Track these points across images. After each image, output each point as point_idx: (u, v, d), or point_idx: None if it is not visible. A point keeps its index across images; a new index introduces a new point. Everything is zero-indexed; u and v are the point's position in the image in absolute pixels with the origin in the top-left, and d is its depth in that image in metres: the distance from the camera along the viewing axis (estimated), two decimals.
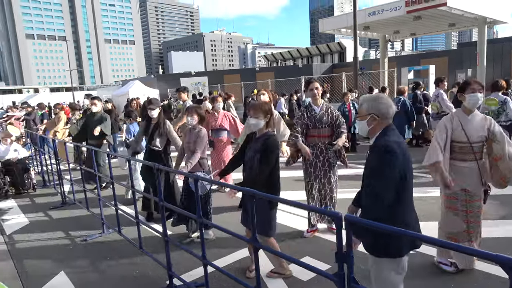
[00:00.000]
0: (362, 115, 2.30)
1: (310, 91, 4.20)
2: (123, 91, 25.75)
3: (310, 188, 4.31)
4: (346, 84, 16.19)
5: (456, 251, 1.38)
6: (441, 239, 3.11)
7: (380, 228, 1.59)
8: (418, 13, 17.40)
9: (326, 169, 4.26)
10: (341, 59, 38.91)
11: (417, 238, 2.00)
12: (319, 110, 4.22)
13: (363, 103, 2.34)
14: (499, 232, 4.10)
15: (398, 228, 1.56)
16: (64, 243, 4.67)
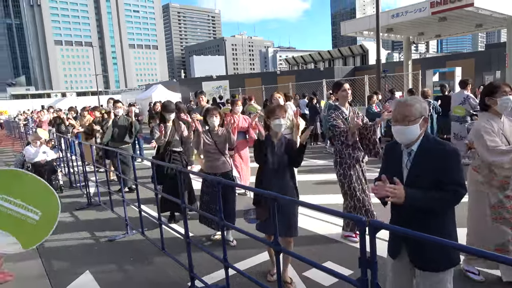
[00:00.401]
0: (415, 118, 2.08)
1: (343, 91, 4.11)
2: (146, 95, 26.28)
3: (353, 190, 4.09)
4: (368, 87, 15.98)
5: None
6: (492, 252, 3.00)
7: (431, 240, 1.55)
8: (444, 14, 16.98)
9: (364, 169, 4.21)
10: (363, 61, 38.46)
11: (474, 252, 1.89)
12: (348, 112, 4.15)
13: (414, 104, 2.11)
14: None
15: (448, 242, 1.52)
16: (89, 243, 4.79)
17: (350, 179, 4.06)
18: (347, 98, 4.13)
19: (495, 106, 3.02)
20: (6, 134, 27.61)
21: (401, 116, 2.10)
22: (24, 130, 15.43)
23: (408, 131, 2.09)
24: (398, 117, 2.12)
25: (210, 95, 24.79)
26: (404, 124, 2.08)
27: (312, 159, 9.42)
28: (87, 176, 6.67)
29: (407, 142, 2.13)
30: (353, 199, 4.10)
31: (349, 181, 4.07)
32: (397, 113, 2.14)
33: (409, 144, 2.13)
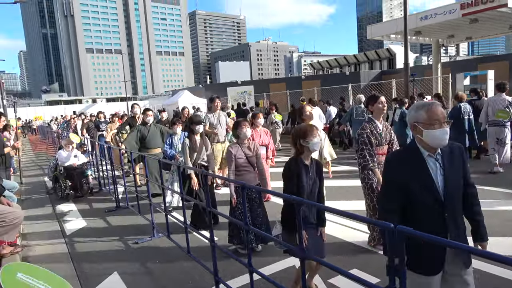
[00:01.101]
0: (447, 120, 2.08)
1: (379, 104, 3.93)
2: (172, 101, 26.81)
3: (375, 191, 4.00)
4: (396, 91, 15.65)
5: None
6: None
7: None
8: (475, 15, 16.44)
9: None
10: (390, 65, 37.71)
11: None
12: (382, 127, 3.98)
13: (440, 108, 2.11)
14: None
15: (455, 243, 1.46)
16: (117, 245, 4.91)
17: (373, 182, 3.97)
18: (382, 111, 3.96)
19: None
20: (40, 139, 28.81)
21: (443, 117, 2.06)
22: (58, 135, 16.04)
23: (445, 132, 2.04)
24: (442, 118, 2.05)
25: (235, 100, 24.99)
26: (446, 126, 2.04)
27: (341, 165, 9.29)
28: (116, 180, 6.85)
29: (446, 144, 2.07)
30: (373, 200, 4.02)
31: (372, 184, 3.98)
32: (441, 114, 2.07)
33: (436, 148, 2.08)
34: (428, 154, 2.08)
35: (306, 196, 3.02)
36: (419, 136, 2.10)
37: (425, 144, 2.08)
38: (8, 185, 5.70)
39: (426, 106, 2.10)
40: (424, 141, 2.07)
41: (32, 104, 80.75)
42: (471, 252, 1.42)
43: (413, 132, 2.16)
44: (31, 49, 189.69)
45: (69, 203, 7.33)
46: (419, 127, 2.08)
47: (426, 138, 2.06)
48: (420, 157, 2.08)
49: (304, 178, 3.03)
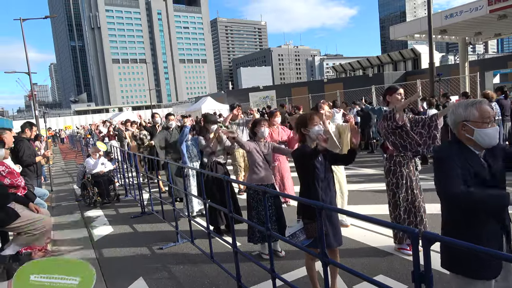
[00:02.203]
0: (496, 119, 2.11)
1: (398, 95, 3.91)
2: (196, 107, 27.16)
3: (402, 201, 3.93)
4: (421, 92, 15.27)
5: None
6: None
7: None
8: (504, 11, 15.87)
9: (417, 179, 3.98)
10: (415, 66, 36.90)
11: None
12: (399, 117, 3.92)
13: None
14: None
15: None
16: (142, 251, 4.98)
17: (401, 189, 3.90)
18: (399, 102, 3.92)
19: None
20: (69, 148, 29.83)
21: (493, 115, 2.01)
22: (85, 143, 16.55)
23: (499, 130, 2.04)
24: (492, 116, 2.00)
25: (257, 105, 25.07)
26: (495, 124, 2.01)
27: (362, 168, 9.13)
28: (141, 186, 6.99)
29: (496, 143, 2.01)
30: (399, 209, 3.94)
31: (400, 191, 3.90)
32: (492, 112, 2.00)
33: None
34: (478, 153, 2.02)
35: (321, 181, 3.06)
36: (468, 135, 2.01)
37: (474, 143, 2.00)
38: (39, 192, 5.93)
39: (477, 104, 2.02)
40: (474, 140, 1.99)
41: (62, 114, 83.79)
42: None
43: (460, 132, 2.04)
44: (61, 62, 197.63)
45: (97, 210, 7.52)
46: (469, 126, 1.99)
47: (478, 137, 1.98)
48: (474, 154, 2.00)
49: (317, 164, 3.07)
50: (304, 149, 3.16)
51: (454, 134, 2.11)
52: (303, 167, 3.14)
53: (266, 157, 4.31)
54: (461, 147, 2.02)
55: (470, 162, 1.97)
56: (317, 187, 3.06)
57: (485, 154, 2.03)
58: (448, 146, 2.08)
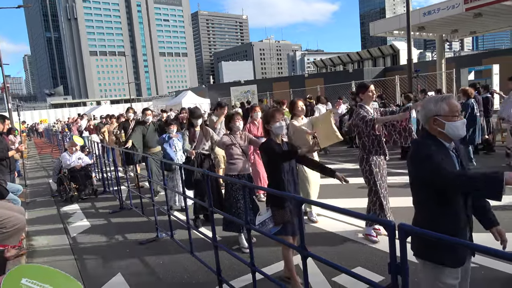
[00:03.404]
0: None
1: (369, 92, 4.19)
2: (176, 101, 26.84)
3: (379, 187, 4.15)
4: (399, 88, 15.55)
5: None
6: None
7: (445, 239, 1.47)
8: (479, 9, 16.29)
9: (385, 167, 4.31)
10: (394, 62, 37.54)
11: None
12: (372, 111, 4.23)
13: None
14: None
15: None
16: (121, 246, 4.91)
17: (376, 176, 4.14)
18: (372, 98, 4.24)
19: None
20: (45, 142, 29.00)
21: (460, 109, 2.11)
22: (62, 137, 16.13)
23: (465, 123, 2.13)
24: (459, 111, 2.11)
25: (238, 100, 24.98)
26: (461, 117, 2.11)
27: (343, 162, 9.25)
28: (120, 181, 6.86)
29: (464, 135, 2.14)
30: (376, 195, 4.19)
31: (375, 178, 4.15)
32: (456, 106, 2.11)
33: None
34: (448, 145, 2.12)
35: (286, 173, 3.31)
36: (440, 129, 2.10)
37: (445, 136, 2.11)
38: (12, 188, 5.74)
39: (446, 99, 2.12)
40: (445, 133, 2.09)
41: (37, 107, 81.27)
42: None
43: (432, 126, 2.13)
44: (36, 53, 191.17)
45: (74, 205, 7.35)
46: (440, 120, 2.09)
47: (449, 130, 2.08)
48: (445, 148, 2.11)
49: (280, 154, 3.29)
50: (270, 143, 3.38)
51: (426, 129, 2.20)
52: (270, 160, 3.36)
53: (243, 149, 4.47)
54: (436, 141, 2.11)
55: (446, 153, 2.08)
56: (283, 178, 3.29)
57: (455, 148, 2.14)
58: (425, 142, 2.13)
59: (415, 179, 2.14)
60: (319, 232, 4.71)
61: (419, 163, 2.08)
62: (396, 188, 5.97)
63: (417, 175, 2.12)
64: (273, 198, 3.24)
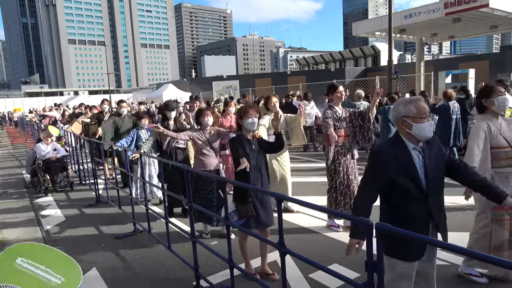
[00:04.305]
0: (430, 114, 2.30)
1: (337, 93, 4.43)
2: (157, 94, 26.46)
3: (339, 185, 4.45)
4: (379, 89, 15.80)
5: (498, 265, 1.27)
6: (483, 253, 2.92)
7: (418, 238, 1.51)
8: (458, 15, 16.73)
9: (354, 166, 4.55)
10: (375, 63, 38.14)
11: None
12: (341, 112, 4.49)
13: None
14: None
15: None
16: (96, 240, 4.82)
17: (339, 174, 4.43)
18: (341, 99, 4.48)
19: (492, 106, 3.03)
20: (19, 131, 28.08)
21: (428, 111, 2.21)
22: (36, 127, 15.65)
23: (433, 125, 2.21)
24: (428, 112, 2.20)
25: (220, 94, 24.86)
26: (429, 119, 2.20)
27: (320, 159, 9.36)
28: (96, 173, 6.72)
29: (431, 136, 2.22)
30: (336, 192, 4.48)
31: (337, 176, 4.43)
32: (427, 108, 2.21)
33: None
34: (413, 146, 2.20)
35: (253, 167, 3.38)
36: (407, 130, 2.20)
37: (412, 137, 2.19)
38: None
39: (414, 102, 2.22)
40: (413, 134, 2.18)
41: (11, 95, 78.50)
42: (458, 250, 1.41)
43: (401, 126, 2.23)
44: (10, 39, 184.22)
45: (48, 197, 7.16)
46: (408, 121, 2.19)
47: (415, 131, 2.17)
48: (406, 150, 2.20)
49: (248, 151, 3.39)
50: (240, 138, 3.48)
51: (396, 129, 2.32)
52: (237, 154, 3.41)
53: (212, 144, 4.54)
54: (400, 143, 2.23)
55: (402, 155, 2.18)
56: (250, 174, 3.36)
57: (423, 148, 2.22)
58: (387, 142, 2.31)
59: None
60: (294, 229, 4.75)
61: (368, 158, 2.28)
62: None
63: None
64: (238, 192, 3.34)
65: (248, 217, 3.32)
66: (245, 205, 3.29)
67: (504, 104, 3.01)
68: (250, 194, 3.29)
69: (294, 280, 3.39)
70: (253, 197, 3.32)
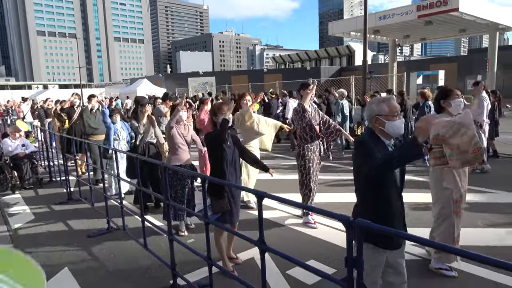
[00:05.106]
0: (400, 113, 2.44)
1: (308, 90, 4.63)
2: (131, 89, 25.87)
3: (308, 181, 4.66)
4: (354, 88, 16.10)
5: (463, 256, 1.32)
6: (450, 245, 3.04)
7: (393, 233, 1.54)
8: (430, 18, 17.28)
9: (320, 163, 4.81)
10: (349, 62, 38.80)
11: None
12: (311, 109, 4.67)
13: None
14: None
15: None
16: (68, 239, 4.67)
17: (308, 170, 4.64)
18: (311, 97, 4.79)
19: (449, 108, 3.29)
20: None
21: (398, 111, 2.32)
22: (2, 121, 14.99)
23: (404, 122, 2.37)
24: (398, 111, 2.32)
25: (196, 91, 24.60)
26: (400, 117, 2.34)
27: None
28: (68, 170, 6.51)
29: (402, 133, 2.39)
30: (307, 188, 4.69)
31: (307, 172, 4.64)
32: (396, 107, 2.32)
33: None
34: (388, 143, 2.33)
35: (229, 164, 3.46)
36: (381, 127, 2.30)
37: (386, 134, 2.31)
38: None
39: (387, 101, 2.34)
40: (386, 131, 2.29)
41: None
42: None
43: (374, 124, 2.34)
44: None
45: (15, 195, 6.88)
46: (381, 119, 2.29)
47: (388, 129, 2.29)
48: (384, 144, 2.31)
49: (225, 147, 3.45)
50: (215, 134, 3.53)
51: (369, 127, 2.42)
52: (213, 150, 3.50)
53: (186, 139, 4.62)
54: (376, 137, 2.32)
55: (382, 148, 2.29)
56: (225, 168, 3.44)
57: (394, 143, 2.38)
58: (364, 136, 2.44)
59: (354, 167, 2.37)
60: (269, 225, 4.76)
61: (355, 149, 2.40)
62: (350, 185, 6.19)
63: (354, 163, 2.36)
64: (213, 187, 3.37)
65: (224, 211, 3.39)
66: (220, 200, 3.35)
67: (459, 106, 3.28)
68: (226, 189, 3.38)
69: (271, 277, 3.40)
70: (228, 192, 3.41)
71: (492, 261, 1.22)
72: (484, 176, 6.76)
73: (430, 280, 3.33)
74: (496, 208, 5.11)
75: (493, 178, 6.58)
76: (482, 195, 5.70)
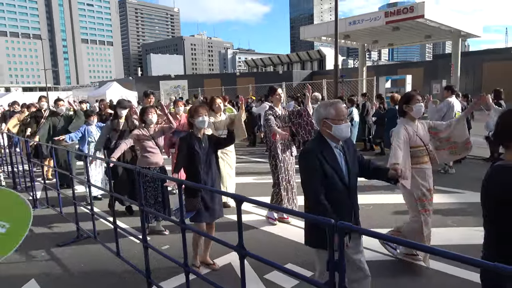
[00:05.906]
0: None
1: (276, 95, 4.85)
2: (100, 92, 25.14)
3: (281, 180, 4.75)
4: (326, 91, 16.38)
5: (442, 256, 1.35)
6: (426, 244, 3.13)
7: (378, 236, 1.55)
8: (397, 24, 17.86)
9: (292, 162, 4.89)
10: (320, 66, 39.51)
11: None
12: (281, 112, 4.86)
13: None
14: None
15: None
16: (35, 249, 4.43)
17: (280, 170, 4.74)
18: (279, 100, 4.92)
19: (411, 112, 3.44)
20: None
21: (344, 115, 2.39)
22: None
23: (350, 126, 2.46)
24: (345, 115, 2.41)
25: (167, 94, 24.25)
26: (347, 121, 2.42)
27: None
28: (33, 176, 6.22)
29: (348, 136, 2.46)
30: (279, 187, 4.77)
31: (279, 172, 4.73)
32: (343, 111, 2.39)
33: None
34: (335, 145, 2.39)
35: (203, 164, 3.53)
36: (328, 130, 2.38)
37: (333, 137, 2.40)
38: None
39: (334, 105, 2.41)
40: (333, 134, 2.36)
41: None
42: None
43: (322, 127, 2.42)
44: None
45: None
46: (328, 122, 2.38)
47: (335, 132, 2.37)
48: (330, 147, 2.38)
49: (197, 149, 3.52)
50: (190, 136, 3.59)
51: (319, 130, 2.51)
52: (187, 151, 3.52)
53: (156, 142, 4.64)
54: (323, 141, 2.41)
55: (327, 152, 2.36)
56: (199, 169, 3.50)
57: (343, 148, 2.44)
58: (314, 141, 2.49)
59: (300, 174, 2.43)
60: (245, 228, 4.72)
61: (298, 161, 2.43)
62: None
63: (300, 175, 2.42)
64: (187, 186, 3.43)
65: (197, 210, 3.44)
66: (193, 199, 3.43)
67: (420, 110, 3.44)
68: (199, 188, 3.45)
69: (250, 282, 3.35)
70: (202, 191, 3.48)
71: (457, 257, 1.25)
72: (453, 177, 7.07)
73: (401, 277, 3.40)
74: (464, 207, 5.31)
75: (461, 179, 6.85)
76: (450, 195, 5.92)
